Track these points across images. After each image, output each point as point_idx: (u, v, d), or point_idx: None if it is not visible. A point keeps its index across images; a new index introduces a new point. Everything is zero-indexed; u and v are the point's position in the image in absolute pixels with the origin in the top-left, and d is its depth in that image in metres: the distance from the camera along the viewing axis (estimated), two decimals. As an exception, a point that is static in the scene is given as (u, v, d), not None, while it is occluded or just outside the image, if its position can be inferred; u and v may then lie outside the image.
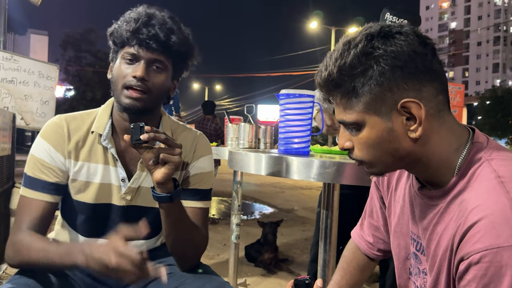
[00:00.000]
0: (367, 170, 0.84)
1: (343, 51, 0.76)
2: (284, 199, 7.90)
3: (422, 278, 0.87)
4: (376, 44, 0.74)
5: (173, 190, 1.06)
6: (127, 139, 1.01)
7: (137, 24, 1.08)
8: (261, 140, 2.40)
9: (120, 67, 1.11)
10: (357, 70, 0.74)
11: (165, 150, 1.01)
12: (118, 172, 1.16)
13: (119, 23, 1.12)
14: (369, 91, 0.74)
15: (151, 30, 1.07)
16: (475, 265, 0.67)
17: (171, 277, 1.18)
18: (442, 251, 0.76)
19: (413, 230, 0.89)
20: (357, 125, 0.78)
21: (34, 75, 3.84)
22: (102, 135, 1.14)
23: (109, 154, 1.15)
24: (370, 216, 1.10)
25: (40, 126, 3.92)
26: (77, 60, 28.45)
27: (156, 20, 1.09)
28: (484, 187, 0.72)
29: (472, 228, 0.69)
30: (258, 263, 3.44)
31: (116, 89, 1.11)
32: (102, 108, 1.20)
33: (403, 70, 0.73)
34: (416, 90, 0.74)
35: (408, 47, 0.74)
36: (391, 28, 0.76)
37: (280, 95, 1.44)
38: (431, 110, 0.75)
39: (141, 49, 1.08)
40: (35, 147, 1.14)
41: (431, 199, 0.81)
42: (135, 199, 1.18)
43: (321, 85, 0.80)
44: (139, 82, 1.08)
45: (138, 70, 1.08)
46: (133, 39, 1.08)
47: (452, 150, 0.78)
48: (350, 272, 1.12)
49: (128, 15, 1.11)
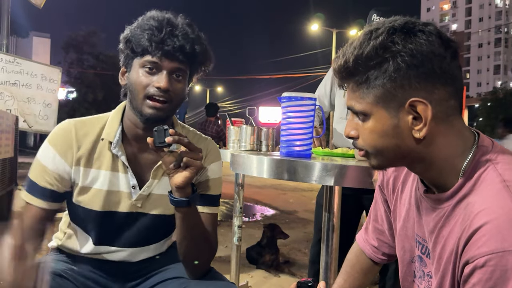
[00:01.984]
0: (368, 161, 0.84)
1: (363, 41, 0.75)
2: (285, 201, 7.90)
3: (427, 281, 0.86)
4: (396, 39, 0.73)
5: (191, 195, 1.05)
6: (150, 142, 1.00)
7: (162, 34, 1.06)
8: (263, 143, 2.41)
9: (140, 76, 1.09)
10: (373, 61, 0.74)
11: (188, 154, 1.01)
12: (128, 179, 1.15)
13: (136, 30, 1.09)
14: (381, 85, 0.74)
15: (176, 42, 1.06)
16: (480, 268, 0.67)
17: (176, 281, 1.19)
18: (447, 254, 0.76)
19: (418, 233, 0.89)
20: (364, 115, 0.78)
21: (37, 78, 3.86)
22: (113, 142, 1.13)
23: (119, 161, 1.15)
24: (375, 220, 1.09)
25: (42, 129, 3.94)
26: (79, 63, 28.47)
27: (179, 30, 1.08)
28: (490, 191, 0.72)
29: (478, 232, 0.69)
30: (260, 265, 3.44)
31: (137, 98, 1.09)
32: (112, 114, 1.19)
33: (418, 69, 0.73)
34: (428, 91, 0.74)
35: (428, 47, 0.73)
36: (415, 24, 0.75)
37: (282, 98, 1.44)
38: (440, 113, 0.75)
39: (164, 59, 1.07)
40: (42, 152, 1.13)
41: (437, 202, 0.81)
42: (145, 206, 1.17)
43: (336, 71, 0.80)
44: (162, 93, 1.07)
45: (162, 81, 1.07)
46: (158, 50, 1.06)
47: (458, 154, 0.77)
48: (354, 275, 1.12)
49: (147, 22, 1.08)
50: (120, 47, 1.13)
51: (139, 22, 1.10)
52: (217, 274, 1.20)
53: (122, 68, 1.15)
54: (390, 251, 1.08)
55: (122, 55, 1.14)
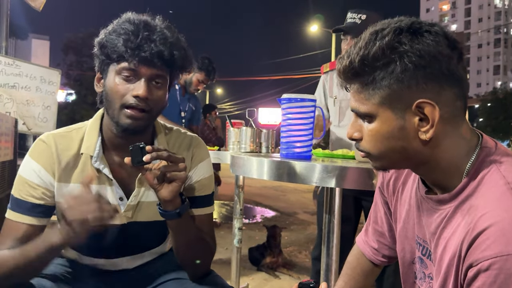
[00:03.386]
0: (372, 163, 0.83)
1: (368, 41, 0.74)
2: (285, 202, 7.89)
3: (428, 282, 0.86)
4: (403, 40, 0.72)
5: (181, 205, 1.02)
6: (128, 162, 0.96)
7: (138, 39, 0.99)
8: (263, 144, 2.40)
9: (116, 84, 1.02)
10: (379, 62, 0.73)
11: (170, 168, 0.97)
12: (114, 191, 1.10)
13: (112, 34, 1.02)
14: (388, 86, 0.73)
15: (154, 47, 0.99)
16: (484, 272, 0.66)
17: (175, 283, 1.18)
18: (450, 257, 0.75)
19: (419, 234, 0.88)
20: (369, 117, 0.77)
21: (36, 80, 3.85)
22: (93, 156, 1.08)
23: (102, 174, 1.09)
24: (375, 222, 1.09)
25: (42, 131, 3.92)
26: (78, 65, 28.49)
27: (157, 34, 1.01)
28: (493, 193, 0.71)
29: (481, 235, 0.68)
30: (260, 267, 3.44)
31: (113, 108, 1.04)
32: (89, 125, 1.12)
33: (426, 70, 0.72)
34: (435, 92, 0.73)
35: (435, 48, 0.72)
36: (421, 25, 0.74)
37: (282, 100, 1.44)
38: (446, 114, 0.74)
39: (142, 66, 1.00)
40: (23, 168, 1.08)
41: (438, 203, 0.80)
42: (136, 215, 1.14)
43: (341, 72, 0.79)
44: (141, 102, 1.01)
45: (140, 89, 1.01)
46: (134, 56, 0.99)
47: (462, 155, 0.77)
48: (354, 278, 1.11)
49: (123, 26, 1.01)
50: (94, 51, 1.06)
51: (114, 26, 1.03)
52: (217, 278, 1.19)
53: (97, 74, 1.09)
54: (390, 253, 1.07)
55: (97, 60, 1.07)
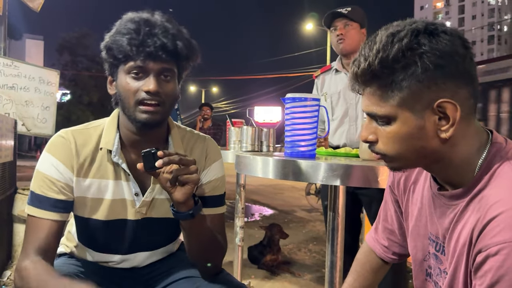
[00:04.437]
0: (387, 164, 0.84)
1: (386, 43, 0.75)
2: (283, 200, 7.92)
3: (444, 277, 0.87)
4: (422, 41, 0.73)
5: (194, 207, 1.04)
6: (141, 168, 0.97)
7: (140, 36, 1.01)
8: (264, 143, 2.42)
9: (128, 83, 1.04)
10: (399, 64, 0.73)
11: (182, 171, 0.98)
12: (131, 187, 1.12)
13: (115, 36, 1.03)
14: (408, 87, 0.74)
15: (157, 41, 1.01)
16: (492, 257, 0.68)
17: (187, 281, 1.19)
18: (461, 246, 0.77)
19: (432, 231, 0.90)
20: (387, 119, 0.77)
21: (35, 81, 3.85)
22: (112, 151, 1.10)
23: (120, 169, 1.12)
24: (385, 220, 1.10)
25: (41, 132, 3.94)
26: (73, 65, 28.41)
27: (158, 28, 1.03)
28: (505, 184, 0.73)
29: (492, 222, 0.70)
30: (260, 265, 3.46)
31: (128, 106, 1.06)
32: (108, 122, 1.15)
33: (444, 69, 0.73)
34: (453, 91, 0.74)
35: (452, 48, 0.73)
36: (436, 26, 0.75)
37: (286, 99, 1.45)
38: (463, 112, 0.75)
39: (148, 62, 1.02)
40: (42, 163, 1.08)
41: (451, 199, 0.82)
42: (150, 211, 1.15)
43: (358, 75, 0.79)
44: (152, 96, 1.03)
45: (150, 84, 1.03)
46: (139, 53, 1.01)
47: (474, 151, 0.79)
48: (364, 274, 1.13)
49: (125, 26, 1.03)
50: (102, 55, 1.08)
51: (117, 28, 1.05)
52: (228, 276, 1.21)
53: (108, 77, 1.11)
54: (400, 250, 1.09)
55: (106, 64, 1.09)
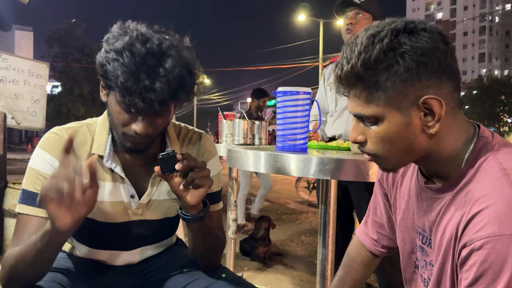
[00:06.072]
0: (379, 165, 0.85)
1: (367, 45, 0.75)
2: (275, 192, 7.92)
3: (429, 270, 0.89)
4: (403, 40, 0.74)
5: (203, 208, 1.03)
6: (158, 171, 0.95)
7: (140, 85, 0.90)
8: (256, 136, 2.41)
9: (118, 112, 0.98)
10: (382, 64, 0.74)
11: (199, 173, 0.96)
12: (126, 189, 1.11)
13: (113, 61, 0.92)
14: (392, 86, 0.75)
15: (159, 95, 0.91)
16: (477, 251, 0.69)
17: (185, 275, 1.19)
18: (447, 241, 0.78)
19: (419, 223, 0.91)
20: (374, 119, 0.78)
21: (24, 74, 3.80)
22: (104, 156, 1.07)
23: (115, 172, 1.09)
24: (374, 213, 1.11)
25: (31, 125, 3.90)
26: (63, 56, 28.02)
27: (162, 75, 0.91)
28: (490, 179, 0.74)
29: (476, 217, 0.71)
30: (253, 257, 3.47)
31: (116, 130, 1.03)
32: (99, 124, 1.10)
33: (427, 66, 0.74)
34: (437, 87, 0.75)
35: (432, 44, 0.74)
36: (415, 24, 0.76)
37: (277, 93, 1.44)
38: (448, 107, 0.76)
39: (142, 111, 0.95)
40: (35, 160, 1.04)
41: (438, 192, 0.83)
42: (146, 213, 1.14)
43: (342, 78, 0.79)
44: (141, 136, 0.98)
45: (138, 127, 0.97)
46: (134, 104, 0.93)
47: (461, 145, 0.80)
48: (354, 268, 1.14)
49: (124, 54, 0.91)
50: (96, 66, 0.99)
51: (116, 47, 0.93)
52: (225, 269, 1.21)
53: (101, 82, 1.02)
54: (389, 243, 1.10)
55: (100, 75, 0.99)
